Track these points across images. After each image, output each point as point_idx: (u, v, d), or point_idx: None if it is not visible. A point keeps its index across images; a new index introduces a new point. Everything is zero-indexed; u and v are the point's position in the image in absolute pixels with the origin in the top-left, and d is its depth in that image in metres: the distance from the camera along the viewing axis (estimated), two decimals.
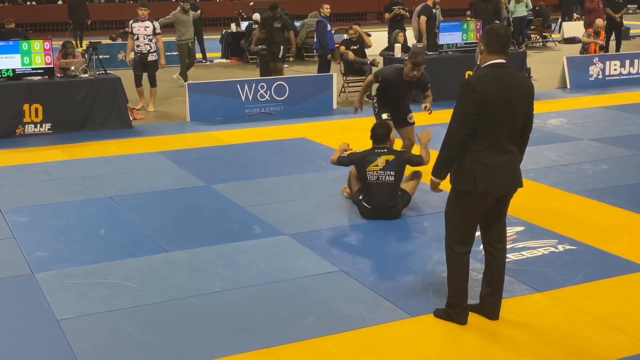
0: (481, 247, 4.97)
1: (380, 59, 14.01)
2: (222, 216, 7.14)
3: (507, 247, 6.11)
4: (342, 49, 13.76)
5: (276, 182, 8.31)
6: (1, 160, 9.42)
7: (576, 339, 4.63)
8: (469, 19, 15.00)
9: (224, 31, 20.98)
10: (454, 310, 4.82)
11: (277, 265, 5.90)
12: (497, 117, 4.53)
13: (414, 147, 8.01)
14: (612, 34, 18.88)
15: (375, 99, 8.11)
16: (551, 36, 23.83)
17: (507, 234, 6.39)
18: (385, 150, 6.98)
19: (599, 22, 17.22)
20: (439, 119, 8.50)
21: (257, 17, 17.45)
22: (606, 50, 17.66)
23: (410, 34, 16.57)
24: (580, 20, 24.76)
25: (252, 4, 23.05)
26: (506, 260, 5.78)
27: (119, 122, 11.30)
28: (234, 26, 20.73)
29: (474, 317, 4.85)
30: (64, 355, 4.51)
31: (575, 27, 23.97)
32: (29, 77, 10.90)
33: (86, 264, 5.93)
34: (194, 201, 7.65)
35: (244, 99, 12.28)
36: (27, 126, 10.80)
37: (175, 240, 6.47)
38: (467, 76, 12.70)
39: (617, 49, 18.96)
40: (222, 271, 5.78)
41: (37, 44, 10.96)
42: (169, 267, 5.87)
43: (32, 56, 10.89)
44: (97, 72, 11.46)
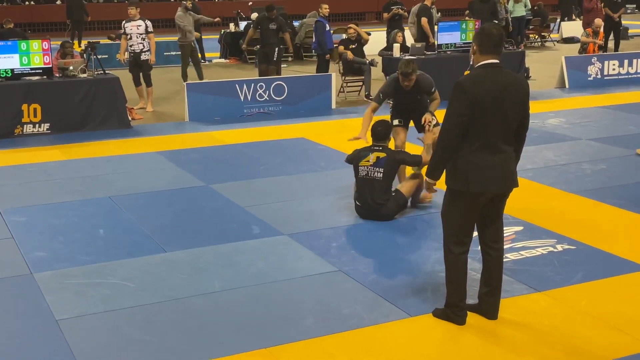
0: (479, 247, 4.97)
1: (379, 58, 14.02)
2: (221, 216, 7.14)
3: (506, 246, 6.14)
4: (341, 48, 13.76)
5: (275, 182, 8.31)
6: (0, 160, 9.42)
7: (575, 339, 4.63)
8: (467, 18, 14.99)
9: (223, 31, 20.97)
10: (452, 310, 4.82)
11: (276, 265, 5.90)
12: (489, 117, 4.53)
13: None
14: (611, 34, 18.90)
15: (391, 107, 8.05)
16: (550, 36, 23.84)
17: (506, 234, 6.43)
18: (380, 148, 6.98)
19: (598, 21, 17.23)
20: (438, 119, 8.49)
21: (255, 17, 17.44)
22: (605, 50, 17.67)
23: (408, 34, 16.57)
24: (578, 20, 24.81)
25: (250, 3, 23.04)
26: (504, 260, 5.79)
27: (117, 122, 11.30)
28: (232, 26, 20.73)
29: (472, 317, 4.85)
30: (63, 355, 4.51)
31: (574, 27, 23.98)
32: (28, 77, 10.90)
33: (85, 264, 5.93)
34: (193, 201, 7.65)
35: (242, 99, 12.28)
36: (25, 126, 10.80)
37: (174, 240, 6.47)
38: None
39: (616, 49, 18.97)
40: (221, 271, 5.78)
41: (35, 44, 10.96)
42: (168, 267, 5.87)
43: (30, 56, 10.89)
44: (96, 72, 11.46)
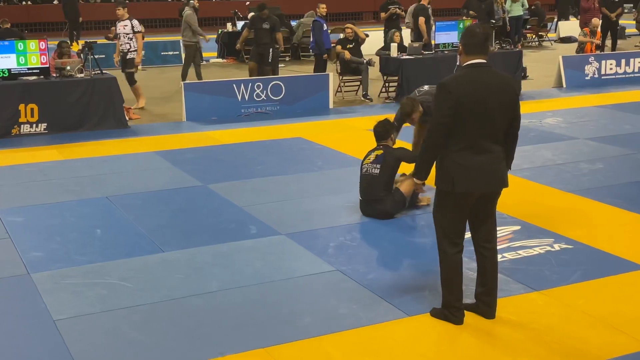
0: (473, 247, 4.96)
1: (376, 58, 14.02)
2: (219, 216, 7.14)
3: (504, 246, 6.15)
4: (339, 48, 13.75)
5: (272, 181, 8.30)
6: None
7: (572, 338, 4.63)
8: (464, 18, 15.00)
9: (220, 31, 20.97)
10: (449, 310, 4.81)
11: (274, 265, 5.90)
12: (474, 118, 4.52)
13: None
14: (608, 33, 18.92)
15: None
16: (547, 35, 23.86)
17: (504, 233, 6.45)
18: (381, 146, 7.11)
19: (595, 21, 17.25)
20: None
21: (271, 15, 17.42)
22: (602, 49, 17.69)
23: (405, 33, 16.58)
24: (575, 19, 24.83)
25: (248, 3, 23.03)
26: (502, 259, 5.81)
27: (114, 121, 11.29)
28: (229, 26, 20.72)
29: (469, 317, 4.85)
30: (60, 355, 4.50)
31: (571, 27, 24.01)
32: (25, 77, 10.89)
33: (82, 264, 5.92)
34: (190, 201, 7.64)
35: (240, 98, 12.28)
36: (22, 126, 10.79)
37: (171, 240, 6.47)
38: None
39: (613, 48, 19.00)
40: (219, 271, 5.77)
41: (32, 44, 10.95)
42: (165, 267, 5.86)
43: (27, 56, 10.88)
44: (93, 72, 11.45)
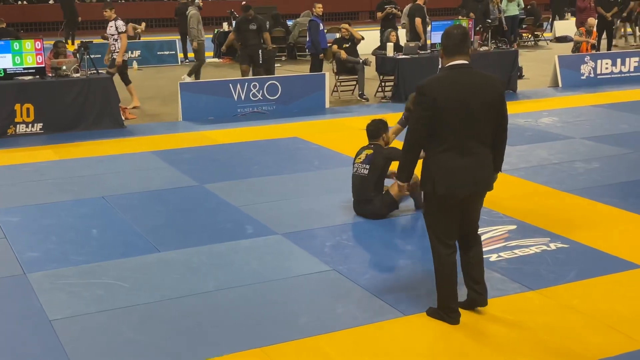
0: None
1: (372, 58, 14.02)
2: (215, 216, 7.14)
3: (499, 245, 6.17)
4: (335, 48, 13.75)
5: (269, 181, 8.30)
6: None
7: (568, 337, 4.64)
8: (461, 17, 15.01)
9: (216, 30, 20.95)
10: (445, 311, 4.82)
11: (270, 264, 5.90)
12: (455, 119, 4.52)
13: None
14: (604, 33, 18.95)
15: None
16: (543, 35, 23.89)
17: (499, 233, 6.47)
18: (372, 145, 7.06)
19: (591, 21, 17.28)
20: None
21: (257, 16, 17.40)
22: (597, 49, 17.71)
23: (402, 33, 16.59)
24: (571, 19, 24.86)
25: (244, 3, 23.01)
26: (494, 259, 5.85)
27: (111, 121, 11.28)
28: (226, 25, 20.70)
29: (465, 316, 4.85)
30: (56, 355, 4.50)
31: (567, 26, 24.04)
32: (21, 77, 10.88)
33: (78, 264, 5.92)
34: (187, 201, 7.64)
35: (236, 98, 12.27)
36: (18, 126, 10.77)
37: (167, 240, 6.46)
38: None
39: (609, 48, 19.03)
40: (215, 271, 5.77)
41: (28, 44, 10.93)
42: (161, 267, 5.86)
43: (23, 56, 10.86)
44: (89, 72, 11.44)
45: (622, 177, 8.27)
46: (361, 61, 13.60)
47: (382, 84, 13.87)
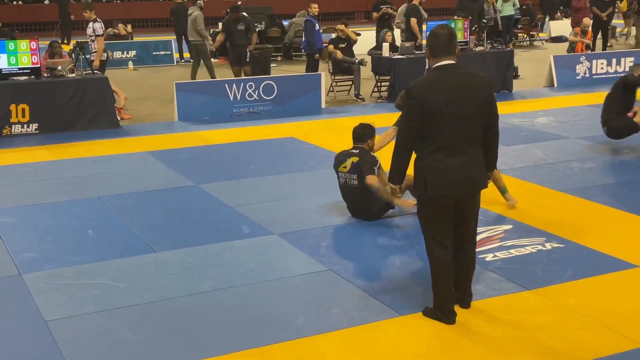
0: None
1: (368, 58, 14.03)
2: (211, 216, 7.13)
3: (495, 245, 6.18)
4: (331, 47, 13.76)
5: (264, 181, 8.30)
6: None
7: (564, 337, 4.65)
8: (456, 18, 15.01)
9: (212, 31, 20.90)
10: (441, 311, 4.82)
11: (266, 264, 5.89)
12: (445, 120, 4.51)
13: None
14: (599, 33, 18.98)
15: None
16: (538, 35, 23.92)
17: (495, 233, 6.47)
18: (356, 151, 6.81)
19: (586, 21, 17.31)
20: None
21: (244, 15, 17.41)
22: (593, 49, 17.74)
23: (397, 33, 16.59)
24: (562, 19, 24.90)
25: (239, 3, 23.00)
26: (490, 258, 5.86)
27: (106, 122, 11.27)
28: (221, 25, 20.65)
29: (462, 316, 4.86)
30: (52, 356, 4.49)
31: (562, 26, 24.07)
32: (16, 77, 10.86)
33: (74, 264, 5.91)
34: (183, 201, 7.64)
35: (232, 98, 12.27)
36: (13, 126, 10.76)
37: (163, 240, 6.46)
38: None
39: (604, 48, 19.06)
40: (211, 271, 5.77)
41: (23, 44, 10.91)
42: (157, 268, 5.85)
43: (18, 56, 10.84)
44: (84, 72, 11.42)
45: (618, 177, 8.29)
46: (357, 61, 13.61)
47: (378, 84, 13.87)
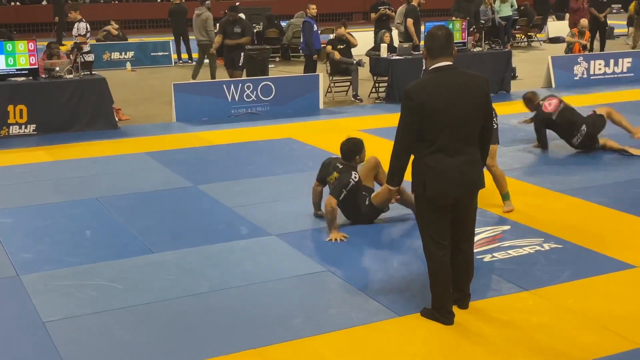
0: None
1: (366, 59, 14.03)
2: (209, 217, 7.13)
3: (493, 246, 6.18)
4: (329, 48, 13.76)
5: (263, 182, 8.30)
6: None
7: (562, 337, 4.65)
8: (454, 18, 15.02)
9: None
10: (439, 312, 4.82)
11: (264, 265, 5.89)
12: (443, 121, 4.52)
13: None
14: (597, 34, 19.00)
15: None
16: (536, 36, 23.94)
17: (493, 233, 6.48)
18: (340, 166, 6.69)
19: (584, 22, 17.32)
20: None
21: (242, 17, 17.40)
22: (591, 50, 17.75)
23: (395, 34, 16.60)
24: (556, 20, 24.93)
25: (237, 4, 23.00)
26: (488, 259, 5.85)
27: (104, 123, 11.26)
28: (218, 26, 20.65)
29: (460, 317, 4.86)
30: (50, 357, 4.49)
31: (560, 27, 24.08)
32: (14, 78, 10.84)
33: (72, 265, 5.90)
34: (181, 202, 7.63)
35: (230, 99, 12.26)
36: (11, 127, 10.74)
37: (161, 241, 6.45)
38: None
39: (602, 49, 19.08)
40: (209, 272, 5.77)
41: (21, 45, 10.90)
42: (155, 268, 5.85)
43: (16, 57, 10.83)
44: (82, 73, 11.41)
45: (616, 178, 8.29)
46: (355, 62, 13.61)
47: (376, 84, 13.87)
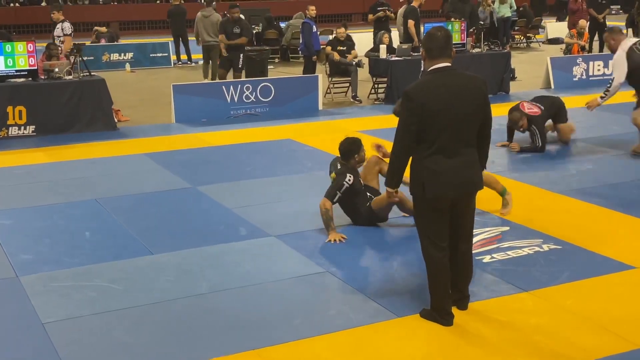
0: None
1: (365, 60, 14.04)
2: (208, 218, 7.13)
3: (492, 247, 6.18)
4: (328, 49, 13.77)
5: (262, 183, 8.30)
6: None
7: (561, 338, 4.65)
8: (453, 20, 15.03)
9: None
10: (438, 313, 4.83)
11: (264, 266, 5.89)
12: (442, 122, 4.53)
13: None
14: (596, 35, 19.02)
15: None
16: (535, 37, 23.96)
17: (492, 234, 6.48)
18: (339, 167, 6.67)
19: (582, 23, 17.34)
20: None
21: (242, 17, 17.41)
22: (590, 50, 17.77)
23: (395, 35, 16.60)
24: (547, 21, 24.98)
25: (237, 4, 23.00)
26: (488, 260, 5.85)
27: (103, 124, 11.25)
28: (219, 26, 20.65)
29: (459, 318, 4.86)
30: (50, 358, 4.48)
31: (559, 28, 24.10)
32: (13, 79, 10.84)
33: (71, 266, 5.90)
34: (180, 203, 7.63)
35: (229, 100, 12.26)
36: (10, 128, 10.74)
37: (160, 242, 6.45)
38: None
39: (601, 50, 19.08)
40: (209, 273, 5.77)
41: (20, 46, 10.89)
42: (154, 270, 5.85)
43: (15, 58, 10.83)
44: (82, 74, 11.41)
45: (615, 179, 8.29)
46: (354, 63, 13.62)
47: (375, 85, 13.87)
